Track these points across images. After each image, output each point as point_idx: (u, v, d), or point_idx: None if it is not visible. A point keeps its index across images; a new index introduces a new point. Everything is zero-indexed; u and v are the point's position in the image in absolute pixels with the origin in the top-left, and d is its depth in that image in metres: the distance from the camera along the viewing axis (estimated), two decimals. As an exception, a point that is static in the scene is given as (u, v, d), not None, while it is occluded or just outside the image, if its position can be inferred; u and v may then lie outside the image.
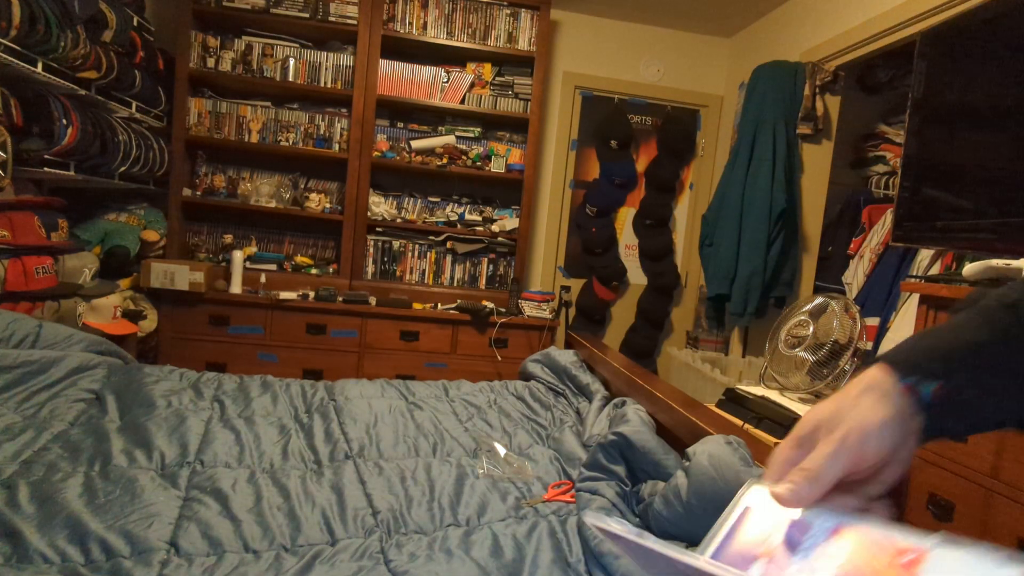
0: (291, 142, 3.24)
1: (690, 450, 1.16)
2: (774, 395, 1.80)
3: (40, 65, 1.97)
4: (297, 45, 3.18)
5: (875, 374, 0.43)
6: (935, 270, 2.24)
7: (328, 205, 3.27)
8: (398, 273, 3.40)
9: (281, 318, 2.94)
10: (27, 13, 1.83)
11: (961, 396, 0.42)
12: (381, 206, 3.30)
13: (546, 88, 3.46)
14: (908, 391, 0.42)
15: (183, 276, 2.80)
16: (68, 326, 1.84)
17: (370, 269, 3.35)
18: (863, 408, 0.41)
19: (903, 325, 2.27)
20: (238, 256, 2.99)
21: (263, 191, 3.19)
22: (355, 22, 3.09)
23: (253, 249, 3.24)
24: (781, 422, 1.56)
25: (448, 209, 3.43)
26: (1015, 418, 0.45)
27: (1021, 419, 0.48)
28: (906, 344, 0.46)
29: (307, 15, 3.06)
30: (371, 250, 3.34)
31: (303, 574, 0.95)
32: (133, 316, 2.62)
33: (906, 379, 0.42)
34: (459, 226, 3.36)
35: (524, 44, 3.26)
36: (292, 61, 3.14)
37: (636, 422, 1.34)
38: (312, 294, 3.01)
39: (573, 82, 3.67)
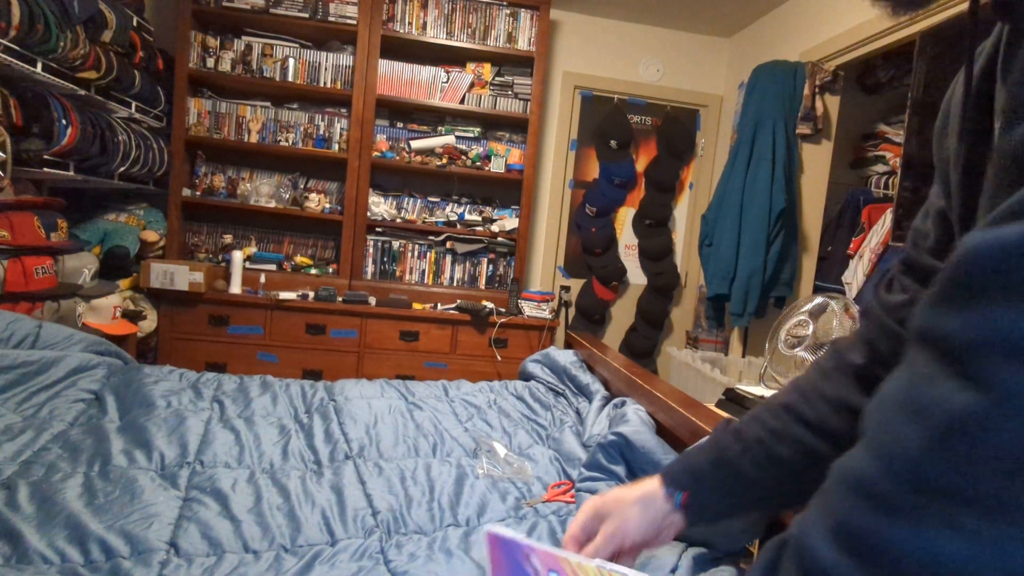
0: (291, 142, 3.23)
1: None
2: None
3: (40, 65, 1.97)
4: (297, 45, 3.18)
5: (652, 484, 0.66)
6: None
7: (328, 205, 3.27)
8: (398, 273, 3.40)
9: (281, 318, 2.94)
10: (27, 13, 1.83)
11: (699, 500, 0.64)
12: (381, 206, 3.30)
13: (546, 88, 3.46)
14: (668, 497, 0.65)
15: (183, 276, 2.80)
16: (68, 326, 1.84)
17: (370, 269, 3.35)
18: (632, 513, 0.64)
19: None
20: (238, 256, 2.98)
21: (263, 191, 3.19)
22: (355, 22, 3.09)
23: (253, 249, 3.23)
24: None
25: (448, 209, 3.43)
26: (750, 509, 0.68)
27: (762, 507, 0.77)
28: (679, 460, 0.69)
29: (307, 15, 3.06)
30: (371, 250, 3.33)
31: (303, 574, 0.95)
32: (133, 316, 2.62)
33: (667, 489, 0.65)
34: (459, 226, 3.36)
35: (524, 44, 3.26)
36: (292, 61, 3.14)
37: (636, 422, 1.34)
38: (312, 294, 3.01)
39: (573, 82, 3.67)
